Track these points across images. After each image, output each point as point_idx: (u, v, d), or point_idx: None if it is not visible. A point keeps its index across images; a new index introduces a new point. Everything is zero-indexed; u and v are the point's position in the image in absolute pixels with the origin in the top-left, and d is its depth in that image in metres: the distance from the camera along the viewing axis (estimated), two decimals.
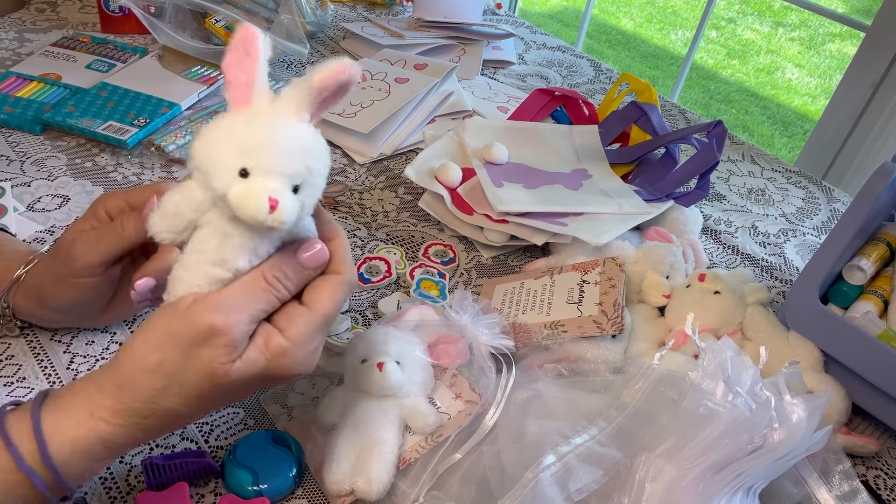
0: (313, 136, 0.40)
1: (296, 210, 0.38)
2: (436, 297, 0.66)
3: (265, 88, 0.39)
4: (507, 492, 0.45)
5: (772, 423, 0.46)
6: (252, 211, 0.36)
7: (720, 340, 0.52)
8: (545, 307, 0.62)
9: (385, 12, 1.23)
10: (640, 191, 0.78)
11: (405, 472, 0.50)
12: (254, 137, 0.37)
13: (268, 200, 0.36)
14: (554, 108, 0.91)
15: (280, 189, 0.37)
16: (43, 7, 1.06)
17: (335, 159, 0.85)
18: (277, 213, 0.37)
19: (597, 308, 0.60)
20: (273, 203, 0.36)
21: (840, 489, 0.49)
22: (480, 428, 0.51)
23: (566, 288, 0.63)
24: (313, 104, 0.39)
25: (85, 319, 0.56)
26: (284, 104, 0.39)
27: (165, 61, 0.94)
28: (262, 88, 0.39)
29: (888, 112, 1.38)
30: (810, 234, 0.85)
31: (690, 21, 3.82)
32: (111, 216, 0.50)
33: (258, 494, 0.48)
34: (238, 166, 0.37)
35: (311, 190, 0.39)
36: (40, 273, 0.53)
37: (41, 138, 0.80)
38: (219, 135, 0.38)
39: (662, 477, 0.45)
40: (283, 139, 0.38)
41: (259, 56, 0.38)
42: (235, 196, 0.37)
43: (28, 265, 0.54)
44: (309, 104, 0.39)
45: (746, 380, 0.49)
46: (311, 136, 0.39)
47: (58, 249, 0.50)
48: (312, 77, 0.38)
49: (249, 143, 0.37)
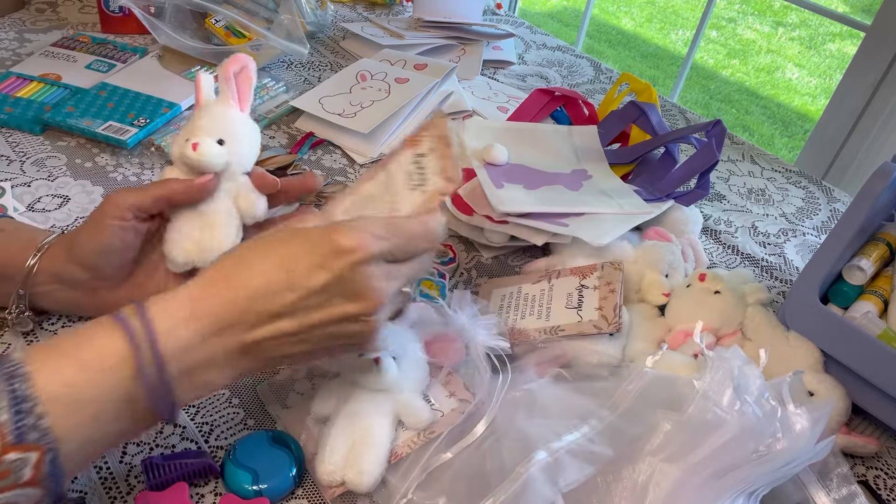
0: (233, 115, 0.55)
1: (219, 150, 0.53)
2: (435, 296, 0.66)
3: (210, 93, 0.56)
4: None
5: (776, 433, 0.47)
6: (185, 151, 0.53)
7: (729, 349, 0.52)
8: (544, 312, 0.62)
9: (385, 12, 1.23)
10: (640, 191, 0.78)
11: (396, 467, 0.51)
12: (193, 117, 0.55)
13: (191, 145, 0.53)
14: (554, 108, 0.91)
15: (203, 139, 0.53)
16: (43, 7, 1.06)
17: (335, 159, 0.85)
18: (199, 150, 0.53)
19: (597, 313, 0.60)
20: (194, 145, 0.53)
21: (839, 492, 0.49)
22: (473, 430, 0.52)
23: (565, 293, 0.63)
24: (232, 97, 0.55)
25: (99, 285, 0.55)
26: (219, 99, 0.55)
27: (165, 61, 0.94)
28: (208, 93, 0.56)
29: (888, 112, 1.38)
30: (810, 234, 0.85)
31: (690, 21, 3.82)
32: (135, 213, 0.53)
33: (258, 494, 0.48)
34: (185, 137, 0.54)
35: (238, 146, 0.54)
36: (75, 229, 0.55)
37: (41, 138, 0.80)
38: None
39: (666, 481, 0.45)
40: (206, 118, 0.54)
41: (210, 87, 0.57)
42: (176, 149, 0.54)
43: (40, 251, 0.54)
44: (230, 95, 0.55)
45: (754, 389, 0.49)
46: (231, 115, 0.55)
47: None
48: (222, 74, 0.55)
49: (191, 121, 0.55)
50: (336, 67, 1.04)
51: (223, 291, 0.42)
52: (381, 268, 0.44)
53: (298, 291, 0.42)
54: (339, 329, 0.44)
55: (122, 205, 0.52)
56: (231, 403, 0.56)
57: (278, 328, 0.43)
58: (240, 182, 0.56)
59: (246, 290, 0.42)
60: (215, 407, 0.55)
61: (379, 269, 0.44)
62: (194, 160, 0.53)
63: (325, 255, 0.43)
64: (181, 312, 0.41)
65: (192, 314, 0.41)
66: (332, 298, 0.43)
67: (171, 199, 0.53)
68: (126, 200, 0.52)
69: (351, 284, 0.43)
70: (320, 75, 1.01)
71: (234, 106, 0.55)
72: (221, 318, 0.42)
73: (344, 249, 0.42)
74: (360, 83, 0.94)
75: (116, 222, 0.52)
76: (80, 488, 0.48)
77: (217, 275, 0.43)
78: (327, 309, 0.43)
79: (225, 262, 0.44)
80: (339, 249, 0.42)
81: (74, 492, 0.48)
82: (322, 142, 0.87)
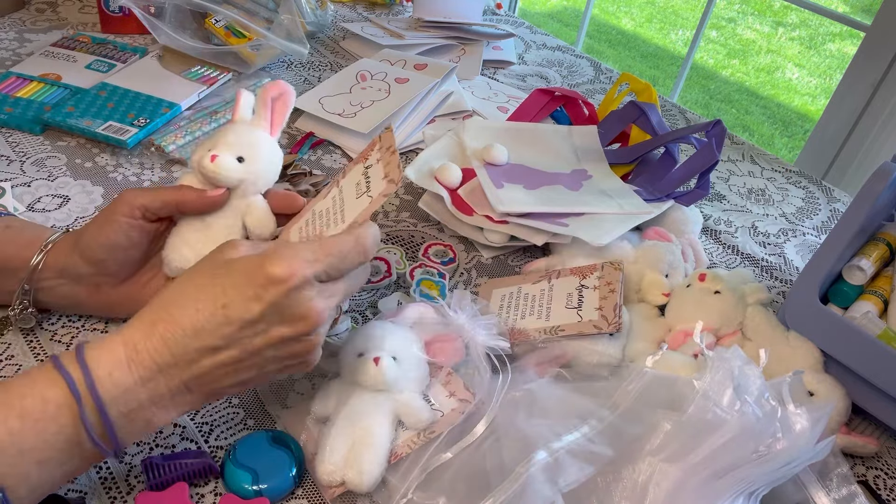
0: (259, 136, 0.56)
1: (235, 167, 0.54)
2: (436, 296, 0.66)
3: (247, 111, 0.57)
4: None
5: (776, 433, 0.47)
6: (203, 161, 0.54)
7: (729, 350, 0.52)
8: (544, 312, 0.62)
9: (385, 12, 1.23)
10: (640, 191, 0.78)
11: (396, 467, 0.51)
12: (220, 131, 0.56)
13: (210, 157, 0.53)
14: (554, 108, 0.91)
15: (224, 154, 0.54)
16: (43, 7, 1.06)
17: (335, 159, 0.85)
18: (216, 163, 0.53)
19: (597, 313, 0.60)
20: (213, 157, 0.53)
21: (838, 493, 0.49)
22: (473, 430, 0.52)
23: (564, 293, 0.63)
24: (265, 119, 0.56)
25: (103, 281, 0.55)
26: (253, 120, 0.57)
27: (165, 61, 0.94)
28: (245, 111, 0.57)
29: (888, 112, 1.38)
30: (810, 234, 0.85)
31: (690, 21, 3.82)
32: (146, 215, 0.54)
33: (258, 494, 0.48)
34: (208, 147, 0.54)
35: (255, 166, 0.55)
36: (84, 225, 0.56)
37: (41, 138, 0.80)
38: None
39: (666, 481, 0.45)
40: (232, 134, 0.55)
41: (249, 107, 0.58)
42: (195, 157, 0.55)
43: (44, 251, 0.54)
44: (263, 117, 0.56)
45: (754, 389, 0.49)
46: (257, 136, 0.55)
47: None
48: (261, 96, 0.56)
49: (217, 134, 0.56)
50: (336, 67, 1.04)
51: (161, 331, 0.43)
52: (316, 288, 0.45)
53: (236, 324, 0.43)
54: (281, 351, 0.46)
55: (133, 203, 0.53)
56: (231, 403, 0.56)
57: (219, 360, 0.44)
58: (251, 201, 0.56)
59: (183, 328, 0.43)
60: (215, 407, 0.55)
61: (313, 290, 0.45)
62: (209, 171, 0.53)
63: (259, 286, 0.43)
64: (119, 356, 0.42)
65: (130, 357, 0.42)
66: (271, 326, 0.44)
67: (181, 206, 0.54)
68: (137, 200, 0.53)
69: (288, 310, 0.44)
70: (320, 75, 1.01)
71: (265, 128, 0.56)
72: (161, 359, 0.43)
73: (277, 279, 0.43)
74: (360, 83, 0.94)
75: (125, 219, 0.53)
76: (80, 488, 0.48)
77: (154, 315, 0.44)
78: (267, 335, 0.44)
79: (161, 299, 0.45)
80: (272, 279, 0.43)
81: (74, 492, 0.48)
82: (322, 142, 0.87)
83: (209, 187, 0.55)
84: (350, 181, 0.54)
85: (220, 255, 0.47)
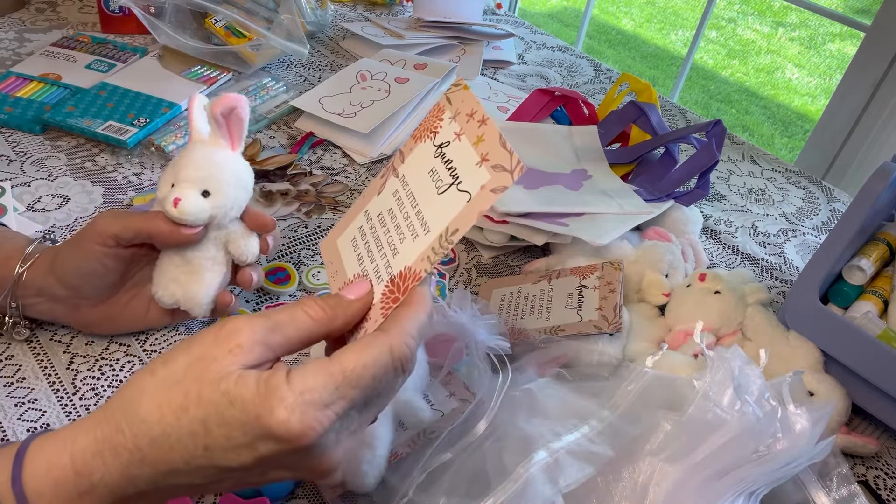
0: (221, 159, 0.52)
1: (201, 207, 0.51)
2: (436, 296, 0.66)
3: (202, 125, 0.53)
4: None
5: (776, 433, 0.47)
6: (166, 206, 0.50)
7: (729, 350, 0.52)
8: (544, 312, 0.62)
9: (385, 12, 1.23)
10: (640, 191, 0.78)
11: (396, 467, 0.50)
12: (180, 162, 0.52)
13: (173, 201, 0.50)
14: (554, 108, 0.91)
15: (187, 193, 0.50)
16: (43, 7, 1.06)
17: (335, 159, 0.85)
18: (180, 208, 0.50)
19: (597, 313, 0.60)
20: (175, 201, 0.50)
21: (839, 492, 0.49)
22: (473, 430, 0.52)
23: (565, 293, 0.63)
24: (223, 136, 0.52)
25: (81, 302, 0.54)
26: (210, 139, 0.52)
27: (165, 61, 0.94)
28: (200, 125, 0.53)
29: (888, 112, 1.38)
30: (810, 234, 0.85)
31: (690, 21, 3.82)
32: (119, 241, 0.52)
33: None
34: (170, 181, 0.51)
35: (223, 198, 0.51)
36: (60, 244, 0.54)
37: (41, 138, 0.80)
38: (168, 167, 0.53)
39: (666, 481, 0.45)
40: (191, 167, 0.51)
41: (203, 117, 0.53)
42: (160, 194, 0.51)
43: (27, 263, 0.53)
44: (220, 135, 0.52)
45: (754, 389, 0.49)
46: (219, 160, 0.51)
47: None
48: (211, 114, 0.51)
49: (178, 165, 0.52)
50: (336, 67, 1.04)
51: (131, 468, 0.34)
52: (335, 432, 0.35)
53: (220, 467, 0.34)
54: (281, 476, 0.37)
55: (105, 232, 0.51)
56: None
57: (197, 491, 0.37)
58: (230, 229, 0.54)
59: (155, 468, 0.34)
60: None
61: (332, 436, 0.35)
62: (175, 217, 0.50)
63: (254, 437, 0.33)
64: (69, 491, 0.34)
65: (84, 490, 0.34)
66: (267, 471, 0.36)
67: (155, 237, 0.52)
68: (109, 229, 0.51)
69: (292, 464, 0.35)
70: (320, 75, 1.01)
71: (225, 145, 0.52)
72: (120, 492, 0.35)
73: (280, 438, 0.33)
74: (360, 83, 0.94)
75: (98, 247, 0.51)
76: None
77: (123, 445, 0.34)
78: (263, 476, 0.36)
79: (128, 414, 0.34)
80: (274, 437, 0.33)
81: None
82: (322, 142, 0.87)
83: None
84: (416, 168, 0.38)
85: (215, 371, 0.34)
